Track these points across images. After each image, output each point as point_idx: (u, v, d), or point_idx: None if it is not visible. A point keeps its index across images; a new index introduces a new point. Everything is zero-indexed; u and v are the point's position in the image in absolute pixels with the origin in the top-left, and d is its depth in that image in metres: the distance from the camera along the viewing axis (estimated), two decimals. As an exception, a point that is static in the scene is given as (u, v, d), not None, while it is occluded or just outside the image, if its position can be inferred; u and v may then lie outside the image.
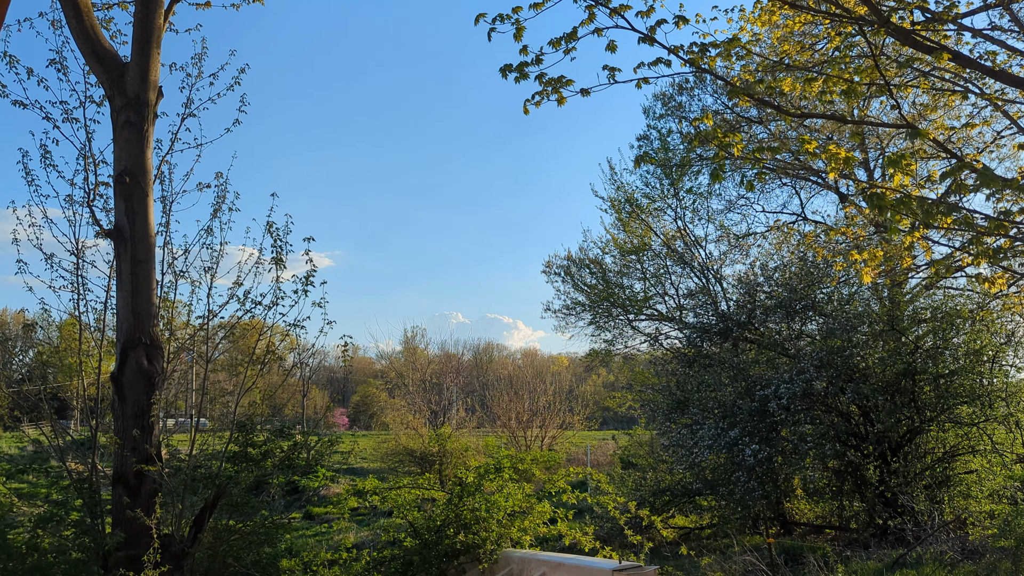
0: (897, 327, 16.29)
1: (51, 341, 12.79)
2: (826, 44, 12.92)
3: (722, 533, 16.99)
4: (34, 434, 10.00)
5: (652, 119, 27.45)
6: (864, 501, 15.53)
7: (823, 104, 8.45)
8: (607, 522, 15.57)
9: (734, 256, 26.77)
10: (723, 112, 24.96)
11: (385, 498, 10.31)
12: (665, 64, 7.02)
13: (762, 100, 7.84)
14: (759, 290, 18.73)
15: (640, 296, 27.61)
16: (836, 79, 7.76)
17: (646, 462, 22.36)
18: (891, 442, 15.48)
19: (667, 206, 27.11)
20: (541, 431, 36.52)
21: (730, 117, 23.66)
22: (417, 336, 62.16)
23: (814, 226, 23.79)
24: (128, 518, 8.77)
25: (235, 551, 9.60)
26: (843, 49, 9.04)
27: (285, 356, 11.04)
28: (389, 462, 34.20)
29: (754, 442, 15.15)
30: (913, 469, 15.53)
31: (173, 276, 10.34)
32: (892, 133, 22.48)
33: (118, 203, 9.85)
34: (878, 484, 15.04)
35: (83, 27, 9.92)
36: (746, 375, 16.78)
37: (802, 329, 18.23)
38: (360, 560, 9.68)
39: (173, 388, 11.67)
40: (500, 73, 6.89)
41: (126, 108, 9.87)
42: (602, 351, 29.15)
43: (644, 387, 23.48)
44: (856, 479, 15.78)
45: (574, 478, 10.33)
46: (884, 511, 14.64)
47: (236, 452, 9.51)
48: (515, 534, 9.54)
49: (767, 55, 10.29)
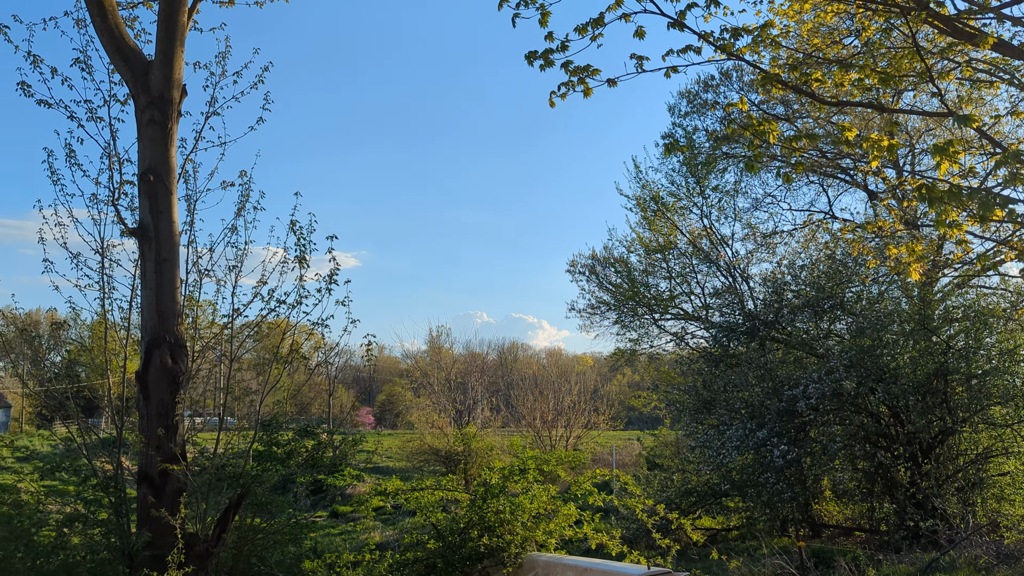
0: (928, 326, 16.00)
1: (81, 340, 12.89)
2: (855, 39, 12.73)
3: (749, 535, 16.79)
4: (63, 433, 10.07)
5: (677, 117, 27.28)
6: (895, 503, 15.26)
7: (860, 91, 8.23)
8: (632, 524, 15.42)
9: (761, 255, 26.56)
10: (749, 109, 24.69)
11: (409, 498, 10.25)
12: (695, 52, 6.84)
13: (797, 88, 7.63)
14: (786, 289, 18.49)
15: (666, 295, 27.43)
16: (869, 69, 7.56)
17: (672, 463, 22.18)
18: (922, 443, 15.21)
19: (693, 204, 26.94)
20: (566, 431, 36.39)
21: (756, 114, 23.42)
22: (442, 335, 62.34)
23: (843, 223, 23.47)
24: (153, 517, 8.77)
25: (259, 550, 9.58)
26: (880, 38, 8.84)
27: (310, 355, 11.01)
28: (414, 461, 34.25)
29: (782, 443, 14.95)
30: (945, 471, 15.25)
31: (198, 275, 10.34)
32: (922, 129, 22.13)
33: (143, 202, 9.86)
34: (909, 486, 14.78)
35: (108, 25, 9.95)
36: (773, 375, 16.58)
37: (830, 328, 17.97)
38: (383, 561, 9.61)
39: (199, 387, 11.70)
40: (525, 60, 6.75)
41: (150, 106, 9.88)
42: (627, 351, 28.99)
43: (670, 387, 23.32)
44: (886, 481, 15.53)
45: (600, 479, 10.15)
46: (915, 513, 14.38)
47: (261, 451, 9.51)
48: (540, 537, 9.40)
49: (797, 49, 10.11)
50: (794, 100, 22.89)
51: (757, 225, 26.51)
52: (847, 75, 7.72)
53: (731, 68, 25.65)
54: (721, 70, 25.90)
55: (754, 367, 17.17)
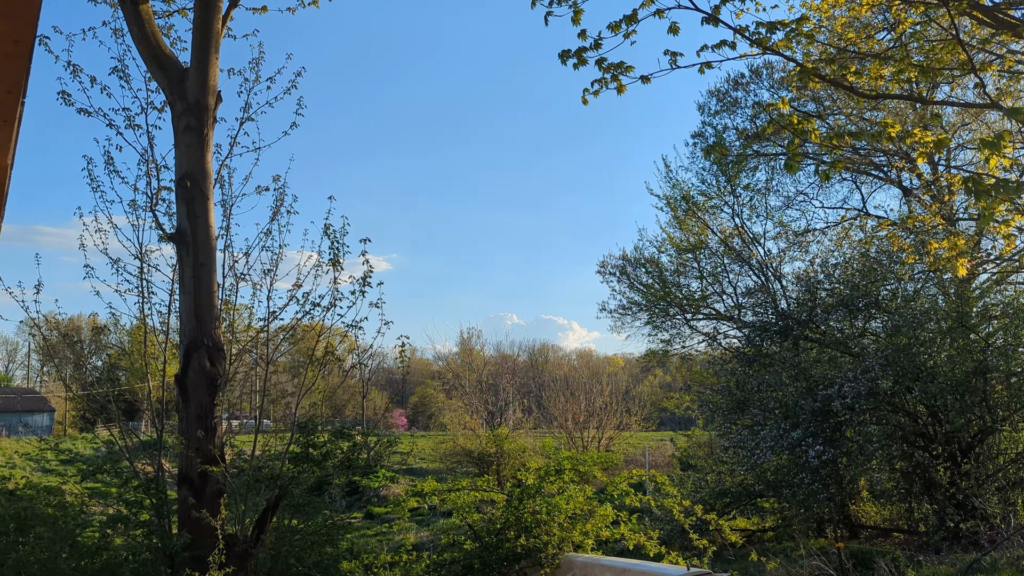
0: (966, 323, 15.78)
1: (121, 344, 13.13)
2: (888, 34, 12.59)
3: (785, 536, 16.65)
4: (105, 436, 10.26)
5: (707, 115, 27.17)
6: (934, 503, 15.06)
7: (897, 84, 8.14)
8: (667, 524, 15.37)
9: (793, 253, 26.33)
10: (773, 113, 24.46)
11: (444, 499, 10.30)
12: (730, 47, 6.79)
13: (835, 82, 7.55)
14: (820, 287, 18.32)
15: (697, 295, 27.29)
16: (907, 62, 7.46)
17: (706, 463, 22.06)
18: (961, 443, 14.99)
19: (724, 203, 26.78)
20: (598, 432, 36.33)
21: (787, 113, 23.19)
22: (473, 337, 62.39)
23: (877, 220, 23.22)
24: (193, 518, 8.91)
25: (297, 551, 9.69)
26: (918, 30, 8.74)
27: (344, 357, 11.12)
28: (447, 463, 34.38)
29: (818, 443, 14.82)
30: (985, 470, 15.02)
31: (234, 279, 10.50)
32: (958, 124, 21.82)
33: (180, 207, 10.02)
34: (948, 486, 14.58)
35: (144, 34, 10.11)
36: (807, 374, 16.43)
37: (865, 327, 17.77)
38: (420, 562, 9.67)
39: (236, 390, 11.87)
40: (559, 59, 6.75)
41: (186, 113, 10.04)
42: (659, 351, 28.90)
43: (703, 387, 23.19)
44: (925, 481, 15.33)
45: (636, 479, 10.11)
46: (955, 514, 14.18)
47: (298, 453, 9.61)
48: (577, 537, 9.37)
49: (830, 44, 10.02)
50: (825, 97, 22.70)
51: (789, 223, 26.30)
52: (883, 68, 7.63)
53: (761, 66, 25.52)
54: (751, 67, 25.78)
55: (788, 367, 17.04)
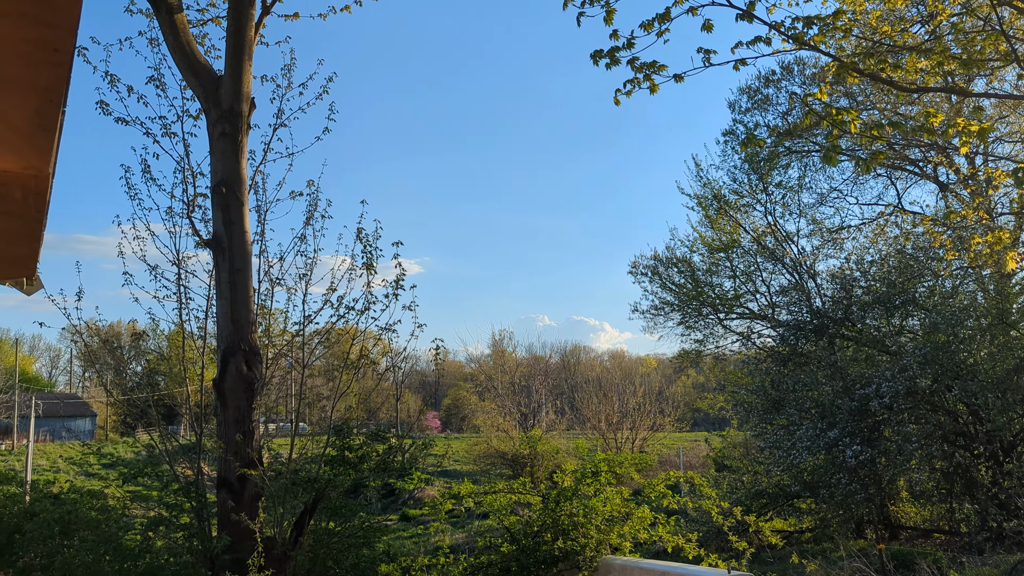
0: (1007, 320, 15.50)
1: (159, 350, 13.33)
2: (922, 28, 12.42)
3: (823, 537, 16.48)
4: (146, 440, 10.41)
5: (738, 113, 26.98)
6: (976, 504, 14.82)
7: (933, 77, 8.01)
8: (703, 525, 15.27)
9: (827, 251, 26.06)
10: (812, 103, 24.24)
11: (480, 502, 10.31)
12: (765, 42, 6.72)
13: (873, 75, 7.44)
14: (855, 285, 18.11)
15: (730, 294, 27.11)
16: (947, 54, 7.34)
17: (741, 464, 21.90)
18: (1003, 442, 14.73)
19: (756, 201, 26.57)
20: (631, 433, 36.22)
21: (819, 108, 22.97)
22: (505, 339, 62.66)
23: (913, 216, 22.89)
24: (232, 521, 9.01)
25: (334, 554, 9.75)
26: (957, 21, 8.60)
27: (378, 361, 11.20)
28: (481, 464, 34.48)
29: (855, 443, 14.64)
30: (1029, 470, 14.74)
31: (269, 284, 10.60)
32: (995, 117, 21.45)
33: (215, 213, 10.14)
34: (990, 485, 14.34)
35: (179, 43, 10.27)
36: (844, 373, 16.25)
37: (903, 325, 17.54)
38: (458, 565, 9.69)
39: (273, 393, 12.00)
40: (591, 59, 6.72)
41: (221, 120, 10.16)
42: (692, 351, 28.74)
43: (737, 387, 23.02)
44: (966, 480, 15.08)
45: (673, 480, 10.04)
46: (998, 514, 13.94)
47: (334, 456, 9.68)
48: (615, 540, 9.31)
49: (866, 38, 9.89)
50: (858, 92, 22.43)
51: (823, 221, 26.02)
52: (920, 62, 7.51)
53: (792, 62, 25.27)
54: (782, 64, 25.55)
55: (823, 366, 16.86)
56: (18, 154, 3.43)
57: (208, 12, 12.09)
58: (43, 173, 3.63)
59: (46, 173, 3.63)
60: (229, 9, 10.36)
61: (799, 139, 24.28)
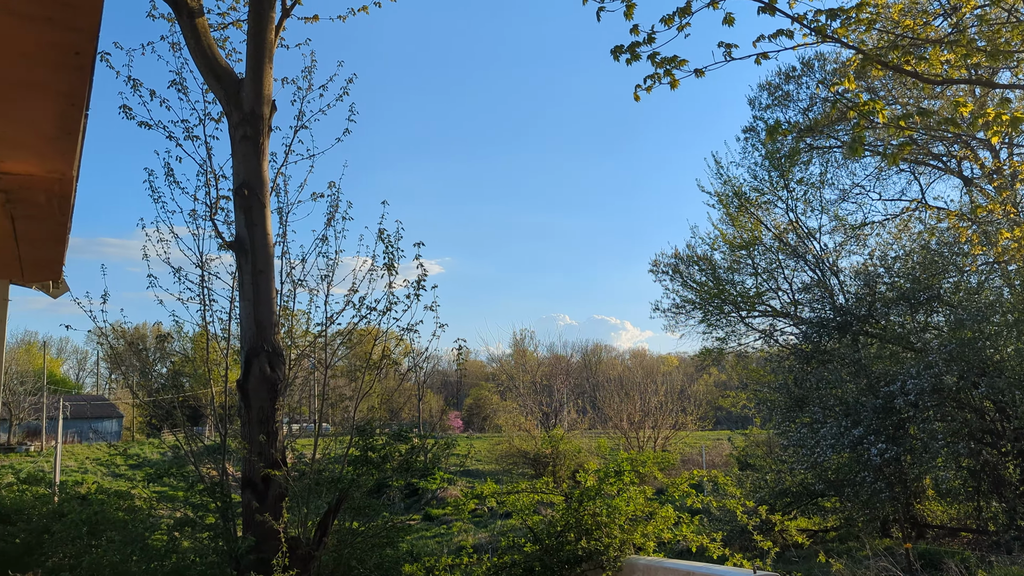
0: (1034, 316, 15.28)
1: (184, 352, 13.44)
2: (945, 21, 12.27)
3: (848, 536, 16.34)
4: (171, 441, 10.50)
5: (758, 110, 26.83)
6: (1003, 502, 14.63)
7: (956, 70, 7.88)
8: (726, 524, 15.19)
9: (850, 247, 25.86)
10: (831, 99, 24.09)
11: (503, 501, 10.30)
12: (787, 35, 6.64)
13: (897, 68, 7.34)
14: (879, 281, 17.95)
15: (752, 292, 26.94)
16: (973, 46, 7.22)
17: (764, 463, 21.75)
18: (1031, 439, 14.53)
19: (777, 198, 26.38)
20: (654, 432, 36.09)
21: (848, 96, 22.78)
22: (526, 339, 62.73)
23: (939, 212, 22.65)
24: (257, 521, 9.06)
25: (358, 553, 9.78)
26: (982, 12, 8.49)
27: (400, 361, 11.23)
28: (503, 464, 34.50)
29: (880, 440, 14.50)
30: (1058, 467, 14.53)
31: (292, 285, 10.67)
32: (1021, 109, 21.19)
33: (238, 215, 10.20)
34: (1019, 483, 14.15)
35: (201, 47, 10.34)
36: (868, 371, 16.10)
37: (927, 321, 17.35)
38: (481, 565, 9.68)
39: (296, 394, 12.06)
40: (611, 55, 6.66)
41: (243, 123, 10.22)
42: (714, 349, 28.60)
43: (759, 385, 22.87)
44: (994, 479, 14.89)
45: (697, 480, 9.97)
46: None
47: (357, 456, 9.71)
48: (638, 539, 9.24)
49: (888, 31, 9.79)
50: (880, 87, 22.23)
51: (845, 217, 25.81)
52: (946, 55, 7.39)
53: (812, 58, 25.09)
54: (802, 60, 25.38)
55: (847, 363, 16.72)
56: (42, 158, 3.45)
57: (229, 16, 12.20)
58: (67, 176, 3.65)
59: (70, 176, 3.65)
60: (249, 12, 10.42)
61: (820, 135, 24.10)
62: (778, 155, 25.47)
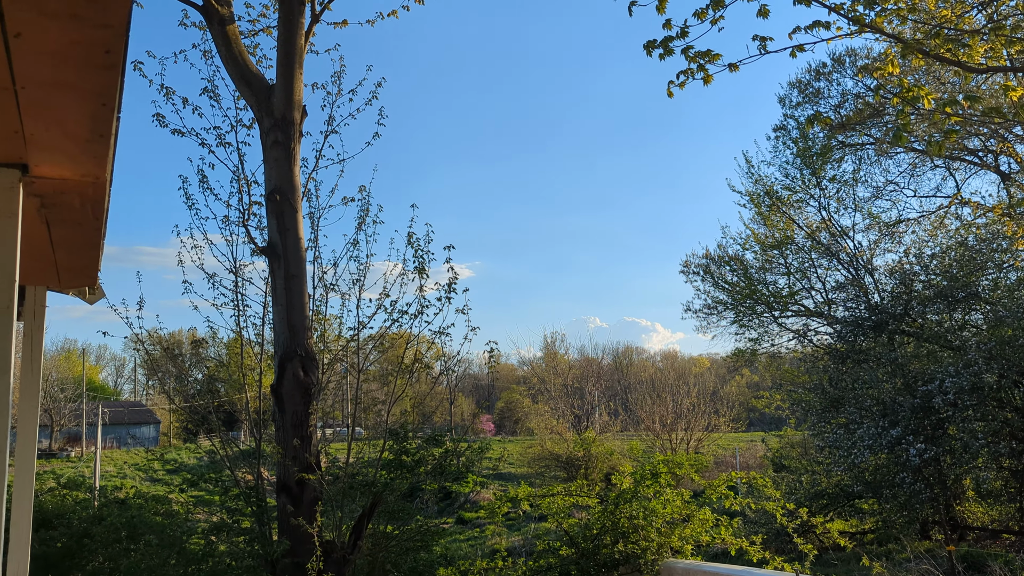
0: (1077, 313, 14.94)
1: (218, 357, 13.57)
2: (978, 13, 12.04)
3: (886, 538, 16.07)
4: (207, 446, 10.59)
5: (789, 108, 26.55)
6: (1047, 503, 14.33)
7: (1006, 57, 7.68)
8: (762, 527, 15.01)
9: (885, 245, 25.50)
10: (864, 95, 23.78)
11: (537, 504, 10.26)
12: (823, 27, 6.53)
13: (939, 56, 7.17)
14: (915, 279, 17.67)
15: (784, 292, 26.67)
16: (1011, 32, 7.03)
17: (799, 464, 21.49)
18: (1076, 438, 14.21)
19: (809, 196, 26.11)
20: (686, 434, 35.80)
21: (872, 100, 22.51)
22: (557, 342, 62.56)
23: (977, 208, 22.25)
24: (292, 525, 9.11)
25: (393, 557, 9.80)
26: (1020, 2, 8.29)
27: (432, 364, 11.24)
28: (535, 467, 34.43)
29: (919, 441, 14.26)
30: (1103, 467, 14.19)
31: (324, 289, 10.71)
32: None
33: (270, 221, 10.27)
34: (1063, 484, 13.84)
35: (232, 54, 10.44)
36: (905, 370, 15.85)
37: (965, 319, 17.05)
38: (516, 568, 9.63)
39: (329, 398, 12.12)
40: (644, 50, 6.58)
41: (274, 129, 10.30)
42: (747, 350, 28.34)
43: (793, 386, 22.61)
44: (1037, 479, 14.59)
45: (734, 481, 9.84)
46: (1072, 513, 13.45)
47: (390, 460, 9.73)
48: (676, 543, 9.12)
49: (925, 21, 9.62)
50: (913, 82, 21.87)
51: (879, 214, 25.44)
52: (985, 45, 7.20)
53: (844, 54, 24.78)
54: (833, 56, 25.05)
55: (884, 362, 16.47)
56: (75, 161, 3.44)
57: (259, 23, 12.30)
58: (100, 180, 3.64)
59: (103, 180, 3.64)
60: (279, 19, 10.50)
61: (852, 132, 23.79)
62: (810, 152, 25.19)
